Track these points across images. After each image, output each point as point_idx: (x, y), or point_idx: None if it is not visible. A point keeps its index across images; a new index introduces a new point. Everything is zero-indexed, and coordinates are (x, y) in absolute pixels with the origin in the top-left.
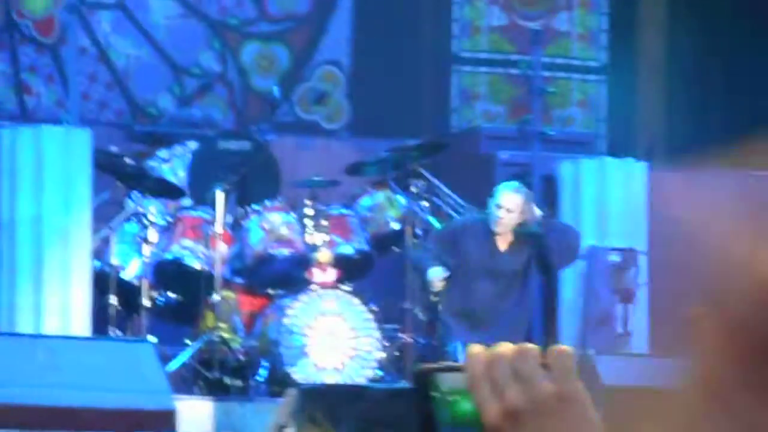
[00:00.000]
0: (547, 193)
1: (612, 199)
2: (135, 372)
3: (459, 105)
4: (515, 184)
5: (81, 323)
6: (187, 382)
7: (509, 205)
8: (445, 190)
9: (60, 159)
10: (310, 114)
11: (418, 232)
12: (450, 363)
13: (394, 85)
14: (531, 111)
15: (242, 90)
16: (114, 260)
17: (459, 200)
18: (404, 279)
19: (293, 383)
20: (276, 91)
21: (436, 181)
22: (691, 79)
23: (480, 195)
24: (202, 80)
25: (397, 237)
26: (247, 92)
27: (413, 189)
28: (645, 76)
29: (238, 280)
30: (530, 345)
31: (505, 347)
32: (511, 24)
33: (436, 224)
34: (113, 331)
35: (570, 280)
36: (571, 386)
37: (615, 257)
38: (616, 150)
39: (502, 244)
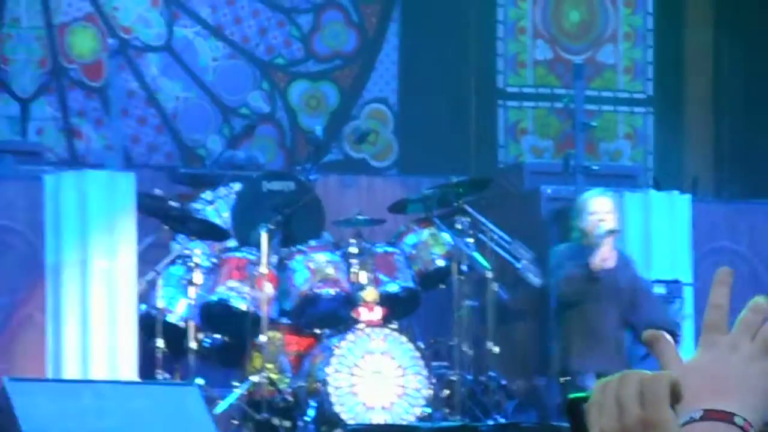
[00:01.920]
0: None
1: (656, 231)
2: (182, 415)
3: (506, 140)
4: (599, 189)
5: (128, 367)
6: (235, 424)
7: (603, 209)
8: (490, 226)
9: (104, 203)
10: (359, 152)
11: (464, 268)
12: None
13: (441, 121)
14: (575, 145)
15: (291, 130)
16: (160, 303)
17: (504, 236)
18: (451, 316)
19: (341, 423)
20: (319, 130)
21: (480, 218)
22: (738, 110)
23: (525, 231)
24: (247, 121)
25: (443, 274)
26: (296, 132)
27: (458, 226)
28: (691, 108)
29: (285, 320)
30: (635, 371)
31: (624, 374)
32: (556, 57)
33: (482, 261)
34: (160, 375)
35: None
36: (657, 413)
37: (661, 289)
38: (663, 182)
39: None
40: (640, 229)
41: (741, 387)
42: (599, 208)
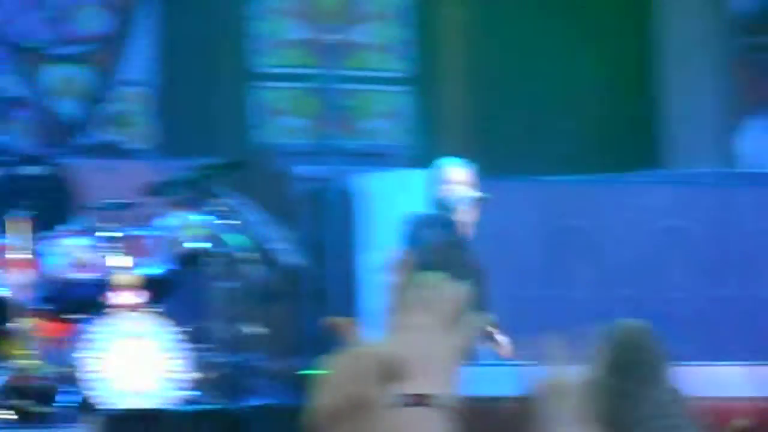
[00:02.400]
0: (345, 206)
1: (413, 208)
2: None
3: (261, 121)
4: (454, 158)
5: None
6: None
7: (459, 177)
8: (245, 207)
9: None
10: (114, 135)
11: (220, 250)
12: None
13: (198, 103)
14: (330, 125)
15: (44, 113)
16: None
17: (259, 217)
18: (208, 298)
19: (97, 409)
20: (73, 114)
21: (235, 199)
22: (491, 87)
23: (279, 211)
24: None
25: (200, 256)
26: (50, 115)
27: (213, 208)
28: (447, 86)
29: (39, 306)
30: (367, 347)
31: (351, 350)
32: (311, 37)
33: (238, 242)
34: None
35: (369, 294)
36: (363, 390)
37: None
38: (419, 161)
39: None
40: (393, 208)
41: (437, 365)
42: (456, 177)
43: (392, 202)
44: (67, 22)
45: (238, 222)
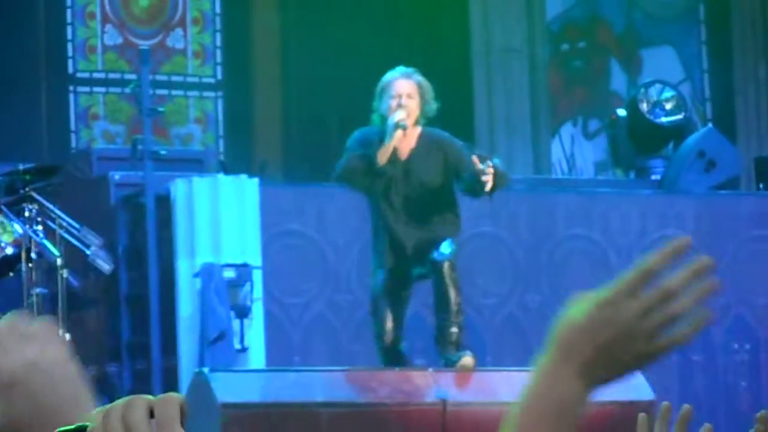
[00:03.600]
0: (161, 212)
1: (225, 216)
2: None
3: (77, 126)
4: (404, 68)
5: None
6: None
7: (404, 90)
8: (59, 213)
9: None
10: None
11: (33, 256)
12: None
13: (13, 108)
14: (143, 130)
15: None
16: None
17: (74, 223)
18: (22, 304)
19: None
20: None
21: (49, 205)
22: (305, 93)
23: (95, 217)
24: None
25: (13, 262)
26: None
27: (26, 213)
28: (260, 91)
29: None
30: (139, 396)
31: (129, 399)
32: (125, 42)
33: (51, 248)
34: None
35: (187, 298)
36: None
37: (230, 273)
38: (233, 166)
39: (405, 148)
40: (208, 213)
41: None
42: (401, 90)
43: (208, 207)
44: None
45: (53, 227)
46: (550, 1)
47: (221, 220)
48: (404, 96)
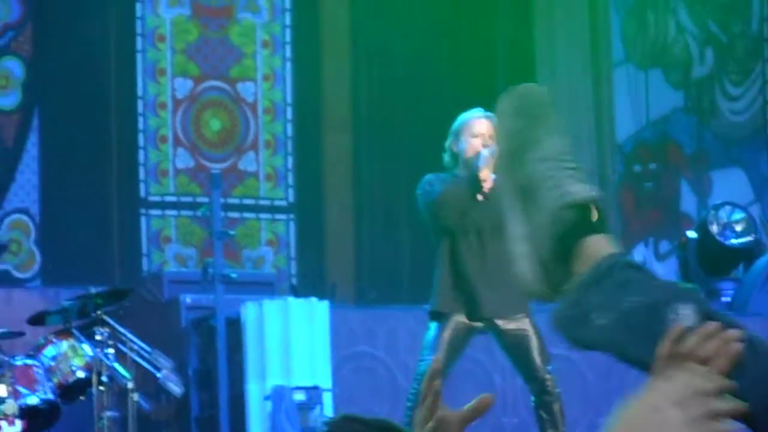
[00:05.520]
0: (231, 335)
1: (295, 338)
2: None
3: (149, 249)
4: (478, 109)
5: None
6: None
7: (486, 131)
8: (130, 336)
9: None
10: (0, 264)
11: (104, 379)
12: None
13: (85, 231)
14: (214, 254)
15: None
16: None
17: (145, 346)
18: (92, 428)
19: None
20: None
21: (120, 328)
22: (377, 216)
23: (166, 340)
24: None
25: (84, 385)
26: None
27: (98, 336)
28: (332, 214)
29: None
30: None
31: None
32: (197, 166)
33: (122, 371)
34: None
35: (258, 421)
36: None
37: (300, 396)
38: (303, 289)
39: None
40: (279, 336)
41: None
42: (483, 130)
43: (278, 330)
44: None
45: (125, 351)
46: (620, 122)
47: (291, 343)
48: (488, 136)
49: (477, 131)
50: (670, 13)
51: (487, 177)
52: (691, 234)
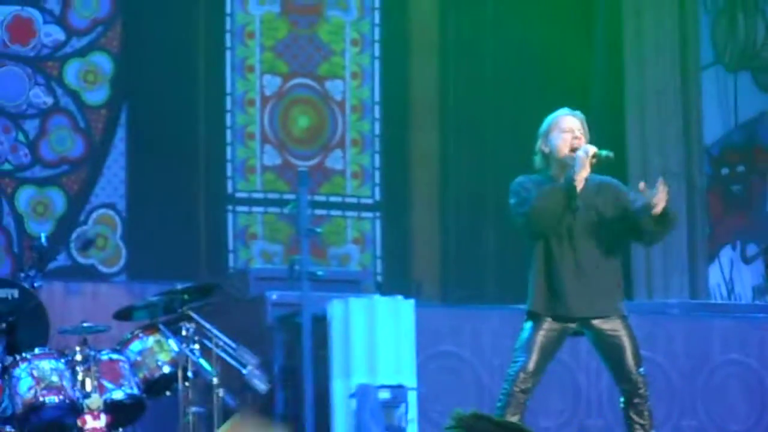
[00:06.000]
0: (317, 332)
1: (380, 337)
2: None
3: (235, 246)
4: (566, 108)
5: None
6: None
7: (576, 126)
8: (216, 332)
9: None
10: (87, 258)
11: (190, 375)
12: None
13: (171, 227)
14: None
15: (18, 236)
16: None
17: (230, 342)
18: (177, 423)
19: None
20: (43, 237)
21: (206, 324)
22: (462, 216)
23: (251, 336)
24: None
25: (169, 381)
26: (23, 238)
27: (184, 332)
28: (418, 212)
29: (9, 428)
30: None
31: None
32: (284, 163)
33: (208, 367)
34: None
35: (342, 419)
36: None
37: (385, 394)
38: (389, 287)
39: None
40: (364, 334)
41: None
42: (572, 125)
43: (364, 328)
44: (41, 145)
45: (210, 347)
46: (708, 124)
47: (377, 341)
48: (577, 131)
49: (567, 126)
50: (760, 14)
51: (582, 180)
52: None
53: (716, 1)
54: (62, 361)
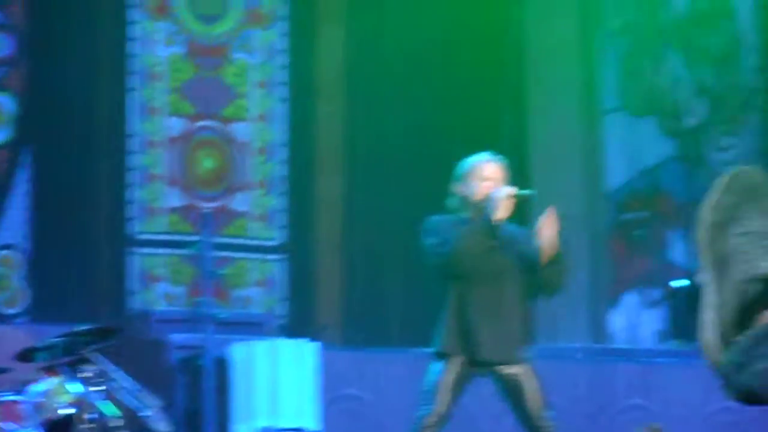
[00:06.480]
0: (220, 374)
1: (283, 379)
2: None
3: (138, 287)
4: (487, 153)
5: None
6: None
7: (496, 175)
8: (118, 374)
9: None
10: None
11: (92, 417)
12: None
13: (73, 268)
14: (204, 293)
15: None
16: None
17: (133, 384)
18: None
19: None
20: None
21: (108, 366)
22: (366, 259)
23: (154, 379)
24: None
25: (71, 422)
26: None
27: (86, 374)
28: (323, 255)
29: None
30: None
31: None
32: (189, 205)
33: (110, 409)
34: None
35: None
36: None
37: None
38: (293, 330)
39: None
40: (267, 376)
41: None
42: (493, 174)
43: (267, 370)
44: None
45: (112, 389)
46: (611, 170)
47: (280, 384)
48: (497, 179)
49: (487, 174)
50: (665, 61)
51: (501, 221)
52: (679, 283)
53: (621, 45)
54: None
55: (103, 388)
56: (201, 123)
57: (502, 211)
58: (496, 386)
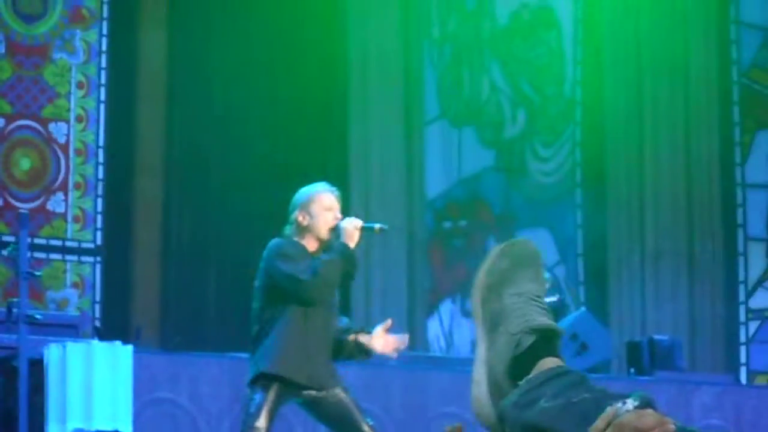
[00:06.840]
0: (34, 376)
1: (97, 382)
2: None
3: None
4: (324, 183)
5: None
6: None
7: (336, 205)
8: None
9: None
10: None
11: None
12: None
13: None
14: (19, 294)
15: None
16: None
17: None
18: None
19: None
20: None
21: None
22: (184, 262)
23: None
24: None
25: None
26: None
27: None
28: (139, 258)
29: None
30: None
31: None
32: (5, 205)
33: None
34: None
35: None
36: None
37: None
38: (108, 332)
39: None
40: (81, 379)
41: None
42: (333, 204)
43: (81, 373)
44: None
45: None
46: (432, 178)
47: (94, 386)
48: (337, 210)
49: (328, 204)
50: (485, 72)
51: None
52: None
53: (442, 56)
54: None
55: None
56: (19, 122)
57: (352, 241)
58: (308, 409)
